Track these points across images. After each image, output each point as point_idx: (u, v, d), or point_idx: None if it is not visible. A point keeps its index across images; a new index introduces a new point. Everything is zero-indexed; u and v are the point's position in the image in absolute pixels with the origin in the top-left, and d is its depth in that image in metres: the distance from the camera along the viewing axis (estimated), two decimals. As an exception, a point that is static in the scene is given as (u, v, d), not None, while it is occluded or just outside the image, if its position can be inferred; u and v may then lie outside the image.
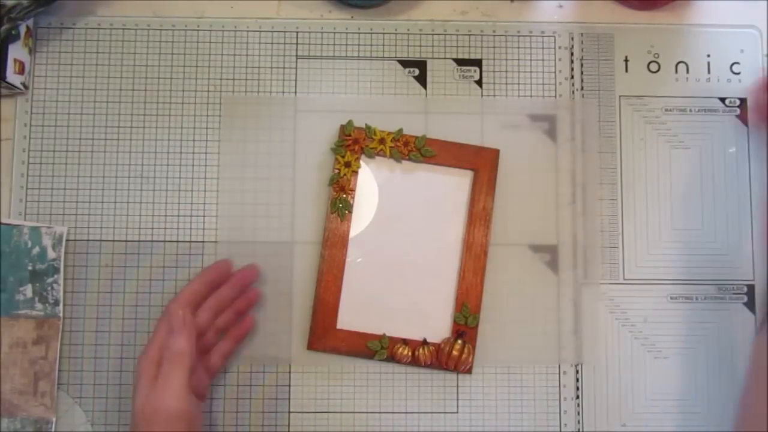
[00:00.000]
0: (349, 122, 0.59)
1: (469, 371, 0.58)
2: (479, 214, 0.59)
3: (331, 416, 0.58)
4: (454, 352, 0.57)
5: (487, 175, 0.59)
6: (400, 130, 0.59)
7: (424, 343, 0.58)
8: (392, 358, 0.57)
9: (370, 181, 0.60)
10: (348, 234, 0.59)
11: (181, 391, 0.49)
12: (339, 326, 0.58)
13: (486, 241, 0.59)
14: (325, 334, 0.58)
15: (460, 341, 0.57)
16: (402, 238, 0.60)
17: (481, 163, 0.60)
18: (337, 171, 0.59)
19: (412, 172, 0.60)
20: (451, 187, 0.60)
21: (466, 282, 0.58)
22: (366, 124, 0.59)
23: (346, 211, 0.59)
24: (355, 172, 0.59)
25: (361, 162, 0.60)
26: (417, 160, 0.60)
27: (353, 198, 0.59)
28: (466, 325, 0.58)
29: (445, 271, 0.59)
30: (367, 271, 0.59)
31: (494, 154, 0.60)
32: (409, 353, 0.57)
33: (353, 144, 0.59)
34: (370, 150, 0.59)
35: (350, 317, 0.58)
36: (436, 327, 0.59)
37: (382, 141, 0.59)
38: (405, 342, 0.58)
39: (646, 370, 0.59)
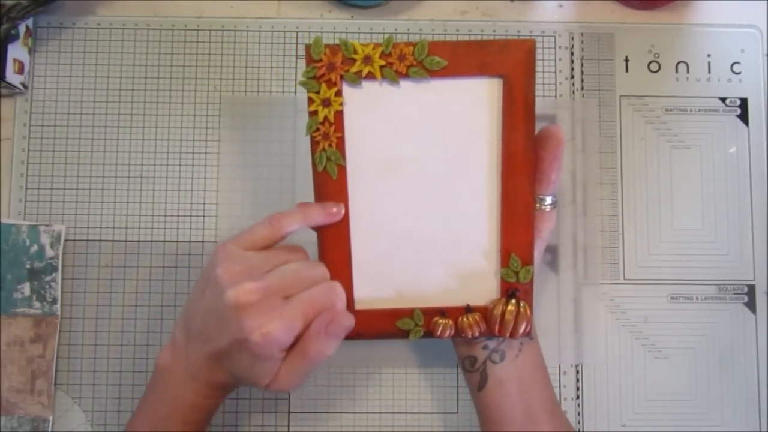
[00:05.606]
0: (316, 40, 0.43)
1: (529, 335, 0.47)
2: (515, 151, 0.44)
3: (331, 416, 0.58)
4: (507, 316, 0.45)
5: (522, 80, 0.44)
6: (390, 39, 0.44)
7: (468, 310, 0.46)
8: (430, 335, 0.46)
9: (362, 118, 0.45)
10: (346, 193, 0.45)
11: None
12: (358, 307, 0.46)
13: (528, 191, 0.45)
14: None
15: (513, 301, 0.45)
16: (418, 185, 0.46)
17: (510, 64, 0.44)
18: (314, 114, 0.44)
19: (416, 94, 0.44)
20: (475, 105, 0.45)
21: (511, 231, 0.45)
22: (341, 39, 0.44)
23: (338, 165, 0.45)
24: (339, 112, 0.44)
25: (344, 94, 0.44)
26: (421, 77, 0.44)
27: (343, 146, 0.45)
28: (518, 281, 0.46)
29: (481, 221, 0.46)
30: (380, 234, 0.46)
31: (528, 47, 0.44)
32: (451, 325, 0.46)
33: (328, 71, 0.44)
34: (352, 76, 0.44)
35: (369, 294, 0.46)
36: (479, 291, 0.46)
37: (367, 59, 0.44)
38: (443, 313, 0.46)
39: (646, 370, 0.59)
